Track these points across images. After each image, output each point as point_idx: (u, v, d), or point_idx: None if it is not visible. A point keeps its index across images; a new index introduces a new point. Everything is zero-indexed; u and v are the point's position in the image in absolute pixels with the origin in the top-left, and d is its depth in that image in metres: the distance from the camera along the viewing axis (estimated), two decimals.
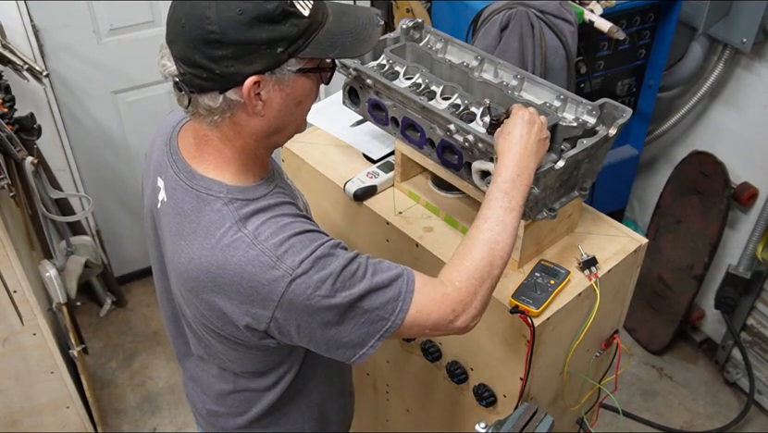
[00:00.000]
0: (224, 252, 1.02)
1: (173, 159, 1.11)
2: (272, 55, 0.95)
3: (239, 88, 0.97)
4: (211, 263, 1.03)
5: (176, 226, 1.09)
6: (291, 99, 1.03)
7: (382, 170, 1.62)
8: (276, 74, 0.98)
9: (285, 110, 1.03)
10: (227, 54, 0.94)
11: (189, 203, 1.07)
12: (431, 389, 1.70)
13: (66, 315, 2.14)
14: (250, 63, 0.95)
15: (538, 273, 1.37)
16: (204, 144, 1.07)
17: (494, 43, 1.92)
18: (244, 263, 1.01)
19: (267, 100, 1.00)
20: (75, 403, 2.22)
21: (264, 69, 0.96)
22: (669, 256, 2.67)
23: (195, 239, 1.05)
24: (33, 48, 2.36)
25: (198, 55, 0.95)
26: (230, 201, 1.04)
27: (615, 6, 2.11)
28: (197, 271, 1.05)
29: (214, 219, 1.04)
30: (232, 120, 1.02)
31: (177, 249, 1.09)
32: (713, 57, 2.40)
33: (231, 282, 1.02)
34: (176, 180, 1.09)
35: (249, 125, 1.03)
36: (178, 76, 0.98)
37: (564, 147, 1.33)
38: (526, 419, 1.15)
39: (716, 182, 2.47)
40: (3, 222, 1.82)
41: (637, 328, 2.86)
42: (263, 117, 1.02)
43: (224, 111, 1.00)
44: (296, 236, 1.02)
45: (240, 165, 1.08)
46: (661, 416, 2.58)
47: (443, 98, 1.43)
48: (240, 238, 1.01)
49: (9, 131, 1.85)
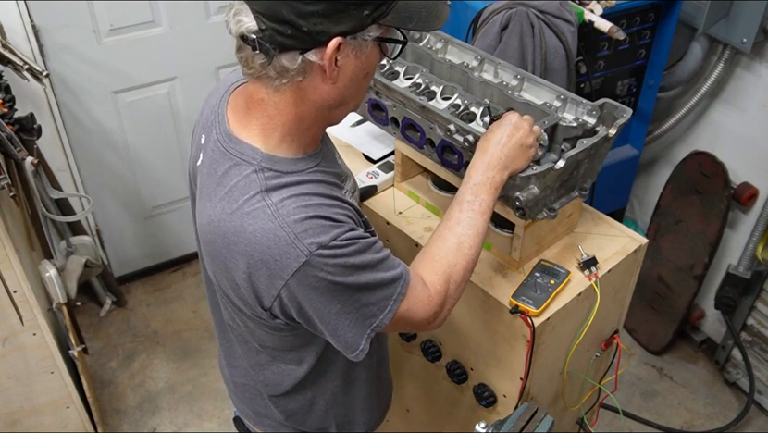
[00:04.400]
0: (242, 219, 1.00)
1: (218, 120, 1.10)
2: (358, 16, 0.93)
3: (321, 49, 0.94)
4: (228, 228, 1.02)
5: (206, 187, 1.08)
6: (361, 69, 1.00)
7: (382, 170, 1.62)
8: (357, 39, 0.96)
9: (355, 80, 1.01)
10: (317, 9, 0.90)
11: (222, 165, 1.05)
12: (431, 389, 1.70)
13: (66, 315, 2.14)
14: (337, 22, 0.92)
15: (538, 273, 1.37)
16: (255, 108, 1.04)
17: (494, 43, 1.92)
18: (260, 234, 0.99)
19: (343, 66, 0.97)
20: (75, 403, 2.22)
21: (349, 31, 0.94)
22: (669, 256, 2.67)
23: (218, 201, 1.04)
24: (33, 48, 2.36)
25: (286, 9, 0.90)
26: (261, 169, 1.02)
27: (615, 6, 2.11)
28: (214, 234, 1.04)
29: (240, 184, 1.02)
30: (300, 85, 0.99)
31: (201, 209, 1.08)
32: (713, 57, 2.40)
33: (244, 252, 1.01)
34: (215, 142, 1.08)
35: (317, 92, 1.00)
36: (256, 33, 0.93)
37: (564, 147, 1.33)
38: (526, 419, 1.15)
39: (716, 182, 2.47)
40: (3, 222, 1.82)
41: (637, 328, 2.86)
42: (334, 85, 0.99)
43: (297, 74, 0.97)
44: (319, 219, 1.00)
45: (285, 134, 1.04)
46: (661, 416, 2.58)
47: (443, 98, 1.43)
48: (261, 208, 0.99)
49: (9, 131, 1.85)
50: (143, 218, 2.97)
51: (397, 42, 1.02)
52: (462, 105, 1.40)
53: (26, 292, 1.92)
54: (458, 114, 1.38)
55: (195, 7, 2.59)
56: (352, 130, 1.74)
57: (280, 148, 1.05)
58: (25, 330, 2.00)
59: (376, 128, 1.59)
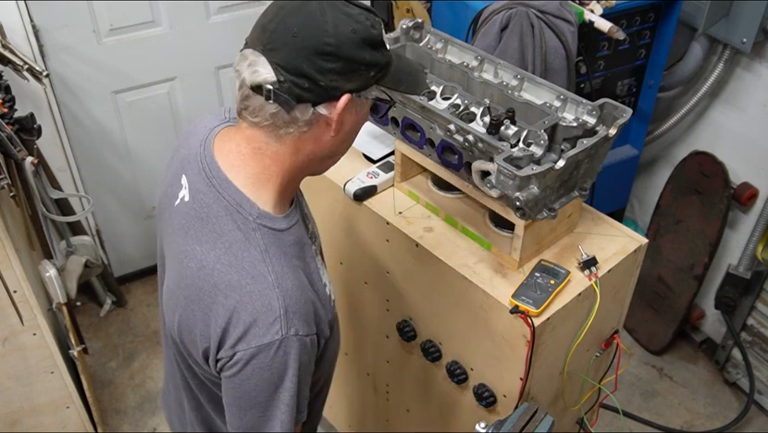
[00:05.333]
0: (241, 276, 1.02)
1: (206, 162, 1.10)
2: (366, 77, 1.01)
3: (332, 103, 1.00)
4: (222, 279, 1.03)
5: (194, 229, 1.08)
6: (357, 124, 1.07)
7: (382, 170, 1.62)
8: (361, 97, 1.03)
9: (350, 134, 1.08)
10: (335, 67, 0.97)
11: (215, 211, 1.06)
12: (431, 389, 1.70)
13: (66, 315, 2.13)
14: (349, 81, 1.00)
15: (538, 273, 1.37)
16: (253, 156, 1.06)
17: (494, 43, 1.92)
18: (256, 297, 1.02)
19: (344, 121, 1.04)
20: (75, 403, 2.22)
21: (357, 89, 1.01)
22: (669, 256, 2.67)
23: (213, 249, 1.05)
24: (33, 48, 2.36)
25: (307, 64, 0.97)
26: (259, 226, 1.05)
27: (615, 6, 2.11)
28: (203, 280, 1.05)
29: (238, 239, 1.04)
30: (303, 136, 1.03)
31: (188, 252, 1.08)
32: (713, 57, 2.39)
33: (232, 307, 1.02)
34: (207, 184, 1.08)
35: (317, 143, 1.05)
36: (274, 84, 0.98)
37: (564, 147, 1.33)
38: (526, 419, 1.15)
39: (716, 182, 2.47)
40: (3, 222, 1.82)
41: (637, 328, 2.86)
42: (332, 138, 1.05)
43: (305, 125, 1.02)
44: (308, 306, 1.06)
45: (278, 187, 1.08)
46: (661, 416, 2.58)
47: (443, 98, 1.43)
48: (263, 274, 1.03)
49: (9, 131, 1.85)
50: (143, 218, 2.97)
51: (388, 102, 1.11)
52: (462, 105, 1.40)
53: (26, 292, 1.92)
54: (458, 114, 1.38)
55: (195, 7, 2.59)
56: None
57: (273, 204, 1.08)
58: (25, 330, 2.00)
59: (376, 128, 1.59)
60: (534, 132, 1.30)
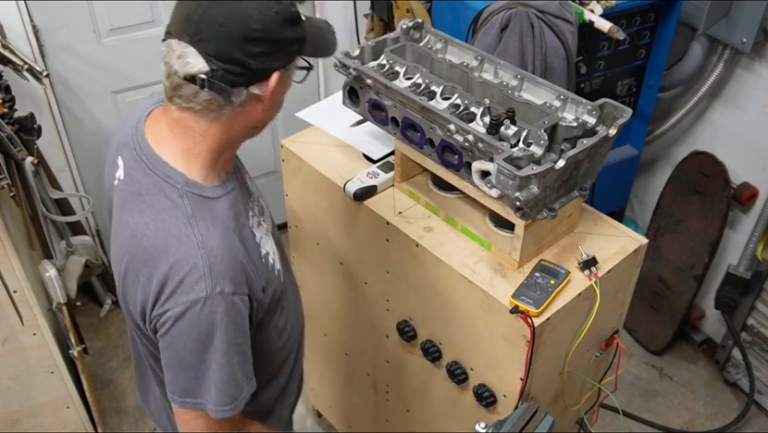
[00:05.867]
0: (167, 239, 1.07)
1: (137, 141, 1.15)
2: (290, 52, 1.08)
3: (264, 83, 1.06)
4: (151, 244, 1.08)
5: (128, 203, 1.13)
6: (284, 93, 1.14)
7: (382, 170, 1.62)
8: (287, 70, 1.10)
9: (278, 103, 1.14)
10: (264, 50, 1.03)
11: (146, 184, 1.12)
12: (431, 389, 1.70)
13: (66, 315, 2.13)
14: (277, 59, 1.06)
15: (538, 273, 1.37)
16: (183, 134, 1.11)
17: (494, 43, 1.92)
18: (182, 258, 1.06)
19: (273, 92, 1.09)
20: (75, 403, 2.22)
21: (283, 65, 1.08)
22: (669, 256, 2.67)
23: (143, 217, 1.10)
24: (33, 48, 2.36)
25: (238, 51, 1.02)
26: (186, 193, 1.10)
27: (615, 6, 2.11)
28: (136, 246, 1.10)
29: (166, 206, 1.09)
30: (236, 115, 1.09)
31: (123, 223, 1.13)
32: (713, 57, 2.39)
33: (161, 268, 1.07)
34: (137, 161, 1.14)
35: (250, 117, 1.11)
36: (207, 73, 1.03)
37: (564, 147, 1.33)
38: (526, 419, 1.15)
39: (716, 182, 2.47)
40: (3, 222, 1.82)
41: (637, 328, 2.86)
42: (264, 112, 1.11)
43: (239, 105, 1.07)
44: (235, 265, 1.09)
45: (208, 160, 1.13)
46: (661, 416, 2.58)
47: (443, 98, 1.43)
48: (188, 235, 1.07)
49: (9, 131, 1.85)
50: None
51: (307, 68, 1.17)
52: (462, 105, 1.40)
53: (26, 292, 1.92)
54: (458, 114, 1.38)
55: None
56: (352, 130, 1.74)
57: (203, 174, 1.13)
58: (25, 330, 2.00)
59: (376, 128, 1.59)
60: (534, 132, 1.30)
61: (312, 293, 2.01)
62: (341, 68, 1.51)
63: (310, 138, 1.77)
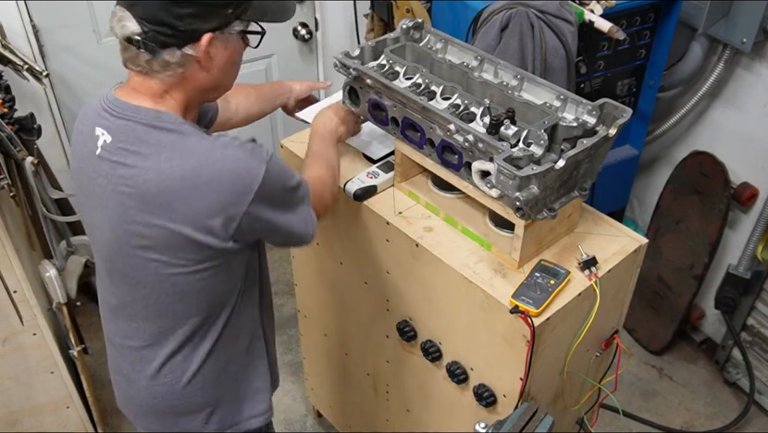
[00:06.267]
0: (197, 157, 1.13)
1: (114, 105, 1.18)
2: (224, 14, 1.12)
3: (196, 44, 1.12)
4: (185, 169, 1.12)
5: (130, 156, 1.15)
6: (229, 58, 1.18)
7: (382, 170, 1.62)
8: (224, 33, 1.14)
9: (224, 68, 1.18)
10: (190, 12, 1.09)
11: (140, 132, 1.15)
12: (431, 389, 1.70)
13: (66, 315, 2.13)
14: (207, 21, 1.11)
15: (538, 273, 1.37)
16: (149, 94, 1.17)
17: (494, 43, 1.92)
18: (220, 161, 1.13)
19: (215, 57, 1.15)
20: (75, 403, 2.22)
21: (217, 27, 1.12)
22: (669, 256, 2.67)
23: (159, 156, 1.13)
24: (33, 48, 2.36)
25: (164, 13, 1.08)
26: (183, 123, 1.16)
27: (615, 6, 2.11)
28: (169, 181, 1.13)
29: (174, 137, 1.15)
30: (182, 75, 1.15)
31: (133, 174, 1.15)
32: (713, 57, 2.39)
33: (211, 181, 1.12)
34: (120, 118, 1.17)
35: (195, 79, 1.17)
36: (140, 35, 1.10)
37: (564, 147, 1.33)
38: (526, 419, 1.15)
39: (716, 182, 2.47)
40: (3, 222, 1.82)
41: (637, 328, 2.86)
42: (208, 74, 1.16)
43: (178, 66, 1.13)
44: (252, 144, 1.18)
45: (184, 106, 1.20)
46: (661, 416, 2.58)
47: (443, 98, 1.43)
48: (209, 145, 1.15)
49: (9, 131, 1.85)
50: None
51: (257, 33, 1.20)
52: (462, 105, 1.40)
53: (26, 292, 1.92)
54: (458, 114, 1.38)
55: None
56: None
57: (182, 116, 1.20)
58: (25, 330, 2.00)
59: (376, 128, 1.59)
60: (534, 132, 1.30)
61: (312, 293, 2.01)
62: (341, 68, 1.51)
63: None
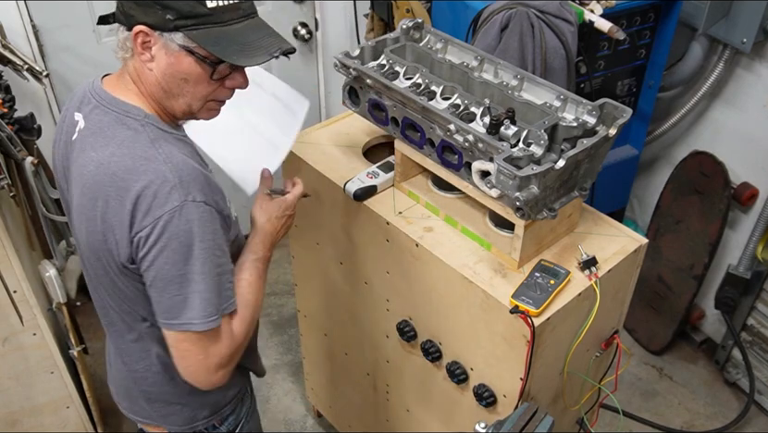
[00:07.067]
0: (134, 160, 1.13)
1: (95, 92, 1.21)
2: (162, 17, 1.10)
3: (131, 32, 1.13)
4: (119, 167, 1.13)
5: (89, 143, 1.18)
6: (175, 70, 1.14)
7: (382, 170, 1.62)
8: (164, 36, 1.11)
9: (170, 77, 1.15)
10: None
11: (107, 122, 1.17)
12: (431, 389, 1.70)
13: (66, 315, 2.13)
14: (145, 14, 1.10)
15: (538, 273, 1.37)
16: (129, 79, 1.19)
17: (494, 43, 1.92)
18: (151, 173, 1.11)
19: (155, 56, 1.14)
20: (75, 403, 2.22)
21: (152, 25, 1.11)
22: (669, 256, 2.67)
23: (107, 148, 1.15)
24: (33, 48, 2.36)
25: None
26: (146, 123, 1.16)
27: (615, 6, 2.11)
28: (103, 174, 1.14)
29: (129, 135, 1.15)
30: (133, 63, 1.17)
31: (86, 162, 1.17)
32: (713, 57, 2.39)
33: (132, 187, 1.11)
34: (96, 107, 1.19)
35: (143, 74, 1.17)
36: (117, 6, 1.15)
37: (564, 147, 1.33)
38: (526, 419, 1.15)
39: (716, 182, 2.47)
40: (3, 222, 1.82)
41: (637, 328, 2.86)
42: (152, 72, 1.16)
43: (125, 49, 1.16)
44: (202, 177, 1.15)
45: (157, 102, 1.19)
46: (661, 416, 2.58)
47: (443, 98, 1.43)
48: (153, 154, 1.13)
49: (9, 131, 1.85)
50: None
51: (203, 59, 1.14)
52: (462, 105, 1.40)
53: (26, 292, 1.92)
54: (458, 114, 1.38)
55: None
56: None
57: (156, 113, 1.20)
58: (25, 330, 2.00)
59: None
60: (534, 132, 1.30)
61: (312, 293, 2.01)
62: (341, 68, 1.51)
63: (310, 138, 1.77)
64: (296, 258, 2.00)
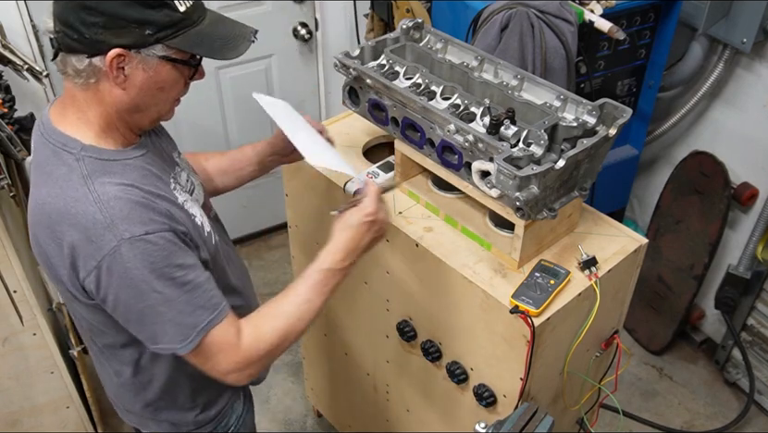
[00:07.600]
0: (66, 201, 1.09)
1: (41, 122, 1.18)
2: (140, 34, 1.05)
3: (104, 56, 1.06)
4: (53, 209, 1.10)
5: (34, 178, 1.16)
6: (153, 82, 1.11)
7: (382, 170, 1.63)
8: (141, 53, 1.07)
9: (146, 91, 1.11)
10: (98, 21, 1.03)
11: (45, 155, 1.14)
12: (431, 389, 1.70)
13: (66, 315, 2.13)
14: (118, 36, 1.05)
15: (538, 273, 1.37)
16: (69, 104, 1.14)
17: (494, 43, 1.92)
18: (81, 216, 1.07)
19: (130, 76, 1.09)
20: (75, 403, 2.22)
21: (129, 45, 1.06)
22: (669, 256, 2.67)
23: (44, 187, 1.12)
24: (33, 48, 2.36)
25: (72, 16, 1.04)
26: (82, 158, 1.12)
27: (615, 6, 2.11)
28: (40, 215, 1.12)
29: (63, 172, 1.11)
30: (97, 87, 1.10)
31: (31, 197, 1.16)
32: (713, 57, 2.39)
33: (66, 232, 1.08)
34: (39, 137, 1.17)
35: (111, 95, 1.11)
36: (53, 33, 1.08)
37: (564, 147, 1.33)
38: (526, 419, 1.15)
39: (716, 182, 2.47)
40: (3, 222, 1.82)
41: (637, 328, 2.86)
42: (124, 92, 1.10)
43: (89, 76, 1.09)
44: (138, 209, 1.09)
45: (100, 129, 1.14)
46: (661, 416, 2.58)
47: (443, 98, 1.43)
48: (84, 193, 1.09)
49: (9, 131, 1.85)
50: None
51: (187, 64, 1.13)
52: (462, 105, 1.40)
53: (26, 292, 1.92)
54: (458, 114, 1.38)
55: None
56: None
57: (99, 140, 1.14)
58: (25, 330, 2.00)
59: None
60: (534, 132, 1.30)
61: None
62: (341, 68, 1.51)
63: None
64: (296, 258, 2.00)
